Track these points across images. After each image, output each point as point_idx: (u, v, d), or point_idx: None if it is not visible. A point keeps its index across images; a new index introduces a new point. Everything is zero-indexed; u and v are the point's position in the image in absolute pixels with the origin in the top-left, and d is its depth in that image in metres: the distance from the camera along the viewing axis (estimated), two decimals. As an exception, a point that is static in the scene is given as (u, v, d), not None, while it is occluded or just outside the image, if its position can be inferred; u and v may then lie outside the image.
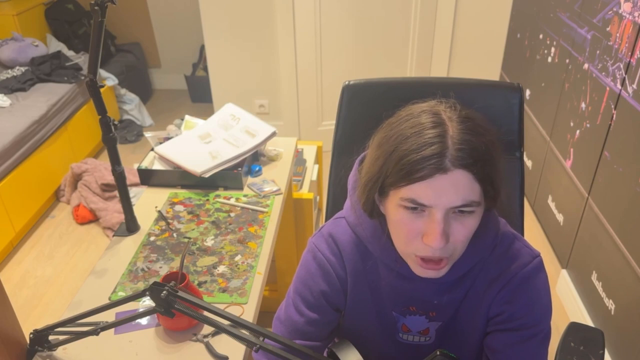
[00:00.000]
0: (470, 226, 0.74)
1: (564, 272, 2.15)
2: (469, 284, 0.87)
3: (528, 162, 2.66)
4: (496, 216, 0.88)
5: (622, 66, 1.71)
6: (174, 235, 1.38)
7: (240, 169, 1.56)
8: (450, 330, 0.91)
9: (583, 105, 2.02)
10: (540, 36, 2.53)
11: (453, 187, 0.70)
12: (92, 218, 2.65)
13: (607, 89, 1.81)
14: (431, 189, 0.70)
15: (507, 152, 1.13)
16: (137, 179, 1.68)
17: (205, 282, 1.22)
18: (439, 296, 0.87)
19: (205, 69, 3.39)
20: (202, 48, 3.86)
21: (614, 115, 1.76)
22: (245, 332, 0.82)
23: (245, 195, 1.53)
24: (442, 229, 0.71)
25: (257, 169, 1.63)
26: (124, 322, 0.92)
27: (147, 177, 1.59)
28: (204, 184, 1.55)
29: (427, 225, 0.72)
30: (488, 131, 0.75)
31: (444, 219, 0.71)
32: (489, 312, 0.88)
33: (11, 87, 2.87)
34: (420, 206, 0.72)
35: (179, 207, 1.49)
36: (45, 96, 2.83)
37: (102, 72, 3.37)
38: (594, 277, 1.87)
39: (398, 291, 0.89)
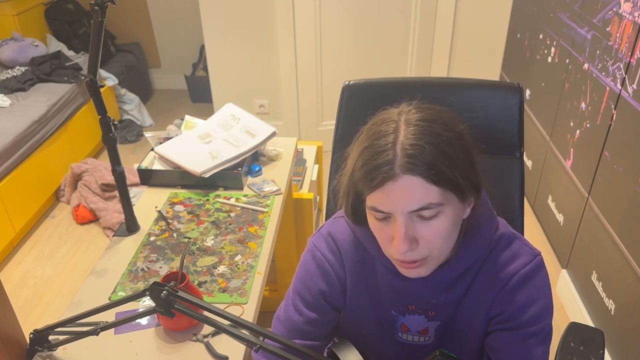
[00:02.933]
0: (439, 227, 0.74)
1: (564, 272, 2.15)
2: (468, 284, 0.87)
3: (528, 162, 2.66)
4: (493, 216, 0.88)
5: (622, 66, 1.71)
6: (174, 235, 1.38)
7: (240, 169, 1.56)
8: (450, 330, 0.91)
9: (583, 105, 2.02)
10: (540, 36, 2.53)
11: (404, 193, 0.71)
12: (92, 218, 2.65)
13: (607, 89, 1.81)
14: (385, 197, 0.72)
15: (507, 152, 1.14)
16: (137, 179, 1.68)
17: (205, 282, 1.22)
18: (437, 295, 0.87)
19: (205, 69, 3.40)
20: (202, 48, 3.86)
21: (614, 115, 1.76)
22: (245, 332, 0.82)
23: (245, 195, 1.53)
24: (403, 234, 0.72)
25: (257, 169, 1.63)
26: (124, 322, 0.92)
27: (147, 177, 1.59)
28: (204, 184, 1.55)
29: (393, 230, 0.74)
30: (449, 130, 0.73)
31: (405, 224, 0.72)
32: (489, 311, 0.88)
33: (11, 87, 2.87)
34: (384, 213, 0.74)
35: (179, 207, 1.49)
36: (45, 96, 2.83)
37: (102, 72, 3.37)
38: (594, 277, 1.87)
39: (397, 290, 0.89)
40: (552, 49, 2.37)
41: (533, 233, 2.47)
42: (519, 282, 0.85)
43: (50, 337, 1.04)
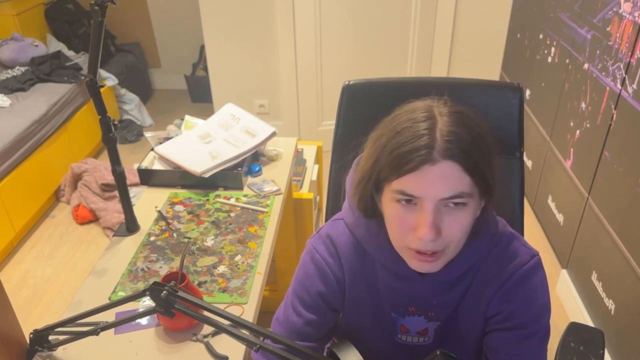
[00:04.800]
0: (463, 220, 0.74)
1: (564, 272, 2.15)
2: (467, 284, 0.87)
3: (528, 162, 2.66)
4: (494, 216, 0.88)
5: (622, 66, 1.71)
6: (174, 235, 1.38)
7: (240, 169, 1.56)
8: (449, 330, 0.91)
9: (583, 105, 2.02)
10: (540, 36, 2.53)
11: (441, 178, 0.71)
12: (92, 218, 2.65)
13: (607, 89, 1.81)
14: (420, 180, 0.71)
15: (507, 152, 1.14)
16: (137, 179, 1.67)
17: (205, 282, 1.22)
18: (438, 296, 0.87)
19: (205, 69, 3.40)
20: (202, 48, 3.86)
21: (614, 115, 1.76)
22: (245, 332, 0.82)
23: (245, 195, 1.53)
24: (432, 221, 0.72)
25: (257, 169, 1.63)
26: (124, 322, 0.92)
27: (147, 177, 1.59)
28: (204, 184, 1.54)
29: (419, 217, 0.73)
30: (478, 125, 0.75)
31: (434, 211, 0.72)
32: (487, 311, 0.88)
33: (11, 87, 2.87)
34: (411, 198, 0.73)
35: (179, 207, 1.49)
36: (45, 96, 2.83)
37: (102, 72, 3.37)
38: (594, 277, 1.87)
39: (396, 292, 0.89)
40: (552, 49, 2.37)
41: (533, 233, 2.47)
42: (517, 282, 0.85)
43: (50, 337, 1.04)
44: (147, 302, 1.15)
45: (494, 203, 0.81)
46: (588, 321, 1.91)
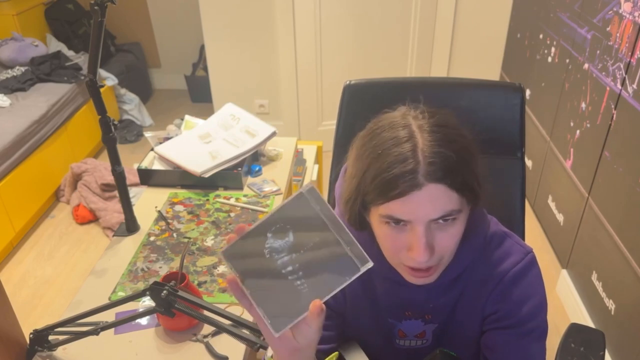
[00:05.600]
0: (455, 233, 0.74)
1: (564, 272, 2.15)
2: (462, 285, 0.86)
3: (528, 162, 2.66)
4: (485, 215, 0.88)
5: (622, 66, 1.71)
6: (174, 235, 1.38)
7: (240, 169, 1.56)
8: (447, 331, 0.91)
9: (583, 105, 2.02)
10: (541, 36, 2.53)
11: (429, 202, 0.70)
12: (92, 218, 2.65)
13: (607, 89, 1.81)
14: (408, 205, 0.70)
15: (508, 153, 1.13)
16: (137, 179, 1.67)
17: (205, 282, 1.22)
18: (434, 299, 0.87)
19: (205, 68, 3.39)
20: (202, 48, 3.86)
21: (614, 115, 1.75)
22: (245, 332, 0.82)
23: (245, 195, 1.53)
24: (424, 243, 0.71)
25: (257, 169, 1.63)
26: (124, 322, 0.92)
27: (147, 177, 1.59)
28: (204, 184, 1.54)
29: (410, 239, 0.73)
30: (460, 134, 0.73)
31: (425, 232, 0.71)
32: (484, 311, 0.88)
33: (11, 87, 2.87)
34: (401, 221, 0.72)
35: (178, 207, 1.49)
36: (45, 96, 2.83)
37: (102, 72, 3.37)
38: (594, 277, 1.87)
39: (393, 297, 0.89)
40: (552, 49, 2.37)
41: (533, 233, 2.47)
42: (512, 281, 0.84)
43: (50, 337, 1.04)
44: (147, 302, 1.15)
45: (484, 202, 0.81)
46: (588, 321, 1.91)
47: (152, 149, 1.65)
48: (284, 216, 0.60)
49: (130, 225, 1.39)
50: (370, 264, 0.60)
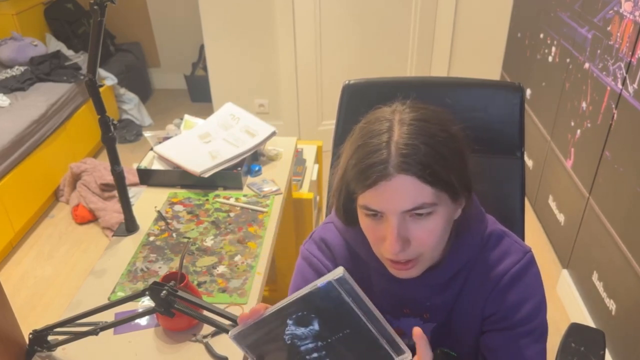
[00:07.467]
0: (432, 227, 0.74)
1: (565, 272, 2.15)
2: (461, 284, 0.86)
3: (529, 162, 2.66)
4: (482, 214, 0.87)
5: (622, 66, 1.71)
6: (174, 235, 1.38)
7: (240, 168, 1.55)
8: (445, 331, 0.91)
9: (584, 105, 2.02)
10: (541, 36, 2.53)
11: (398, 193, 0.70)
12: (92, 218, 2.65)
13: (608, 88, 1.81)
14: (379, 196, 0.71)
15: (508, 152, 1.13)
16: (136, 179, 1.67)
17: (205, 282, 1.22)
18: (431, 297, 0.87)
19: (205, 68, 3.39)
20: (202, 48, 3.85)
21: (615, 115, 1.75)
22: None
23: (244, 195, 1.53)
24: (396, 234, 0.72)
25: (256, 168, 1.63)
26: (124, 322, 0.91)
27: (147, 177, 1.58)
28: (204, 183, 1.54)
29: (385, 230, 0.74)
30: (443, 129, 0.74)
31: (398, 224, 0.72)
32: (483, 311, 0.87)
33: (10, 87, 2.86)
34: (376, 212, 0.73)
35: (178, 207, 1.48)
36: (45, 96, 2.83)
37: (102, 72, 3.37)
38: (594, 277, 1.87)
39: (390, 294, 0.89)
40: (553, 49, 2.37)
41: (534, 233, 2.47)
42: (510, 281, 0.84)
43: (50, 337, 1.03)
44: (146, 302, 1.15)
45: (472, 201, 0.81)
46: (589, 321, 1.90)
47: (151, 149, 1.65)
48: (308, 305, 0.55)
49: (129, 225, 1.39)
50: (407, 356, 0.56)
